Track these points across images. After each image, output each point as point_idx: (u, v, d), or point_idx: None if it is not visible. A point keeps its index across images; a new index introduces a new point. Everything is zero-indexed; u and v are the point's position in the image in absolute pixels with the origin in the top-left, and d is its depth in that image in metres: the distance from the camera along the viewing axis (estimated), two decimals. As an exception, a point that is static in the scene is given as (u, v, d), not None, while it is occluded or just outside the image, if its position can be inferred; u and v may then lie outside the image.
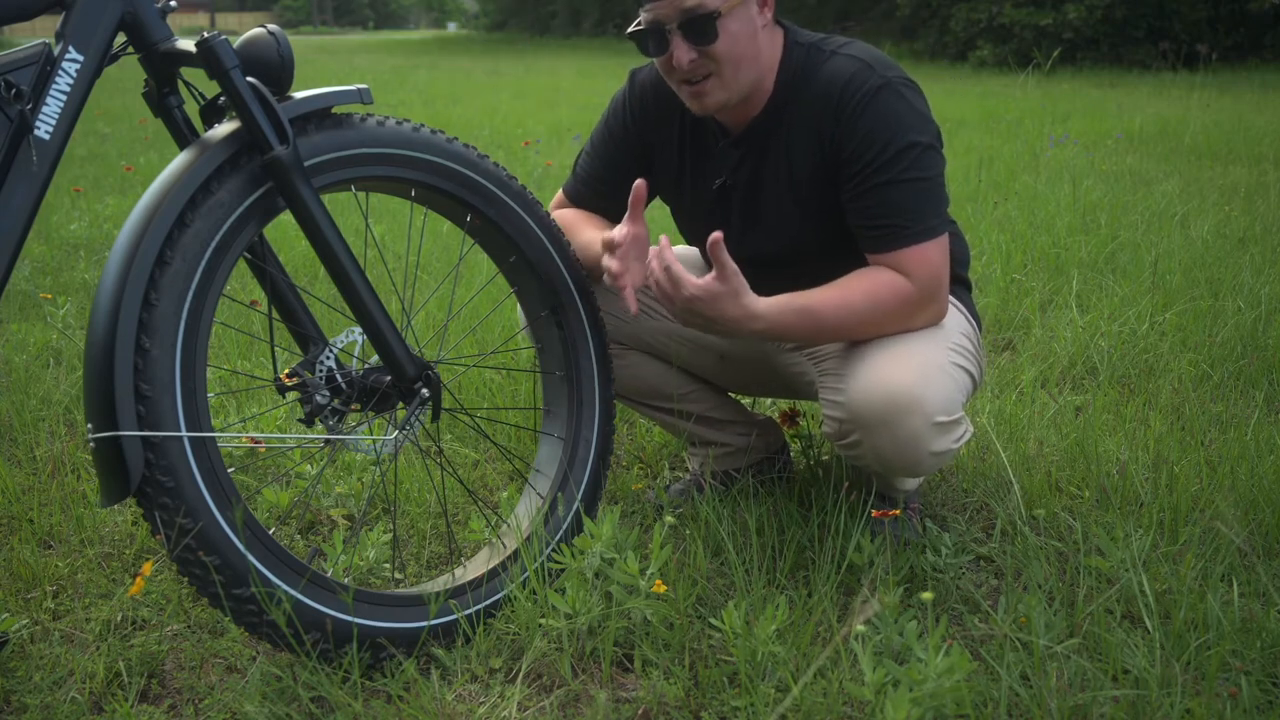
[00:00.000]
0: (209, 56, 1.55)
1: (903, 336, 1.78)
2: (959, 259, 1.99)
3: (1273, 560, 1.88)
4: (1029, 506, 2.07)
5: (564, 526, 1.85)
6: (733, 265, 1.67)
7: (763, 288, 1.85)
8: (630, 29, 1.80)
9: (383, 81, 14.63)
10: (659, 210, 2.16)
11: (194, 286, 1.49)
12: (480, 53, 25.83)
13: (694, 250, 2.19)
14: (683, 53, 1.74)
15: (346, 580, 1.73)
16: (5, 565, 1.95)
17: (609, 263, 1.78)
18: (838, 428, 1.80)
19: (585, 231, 1.97)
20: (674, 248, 2.20)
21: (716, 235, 1.67)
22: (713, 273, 1.67)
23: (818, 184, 1.82)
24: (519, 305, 2.01)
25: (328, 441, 1.72)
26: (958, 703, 1.36)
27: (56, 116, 1.47)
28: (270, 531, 1.67)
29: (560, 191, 2.11)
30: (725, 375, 2.19)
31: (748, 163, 1.88)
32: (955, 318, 1.89)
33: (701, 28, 1.72)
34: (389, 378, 1.72)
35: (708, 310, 1.70)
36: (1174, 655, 1.56)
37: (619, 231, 1.79)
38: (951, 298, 1.93)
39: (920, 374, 1.72)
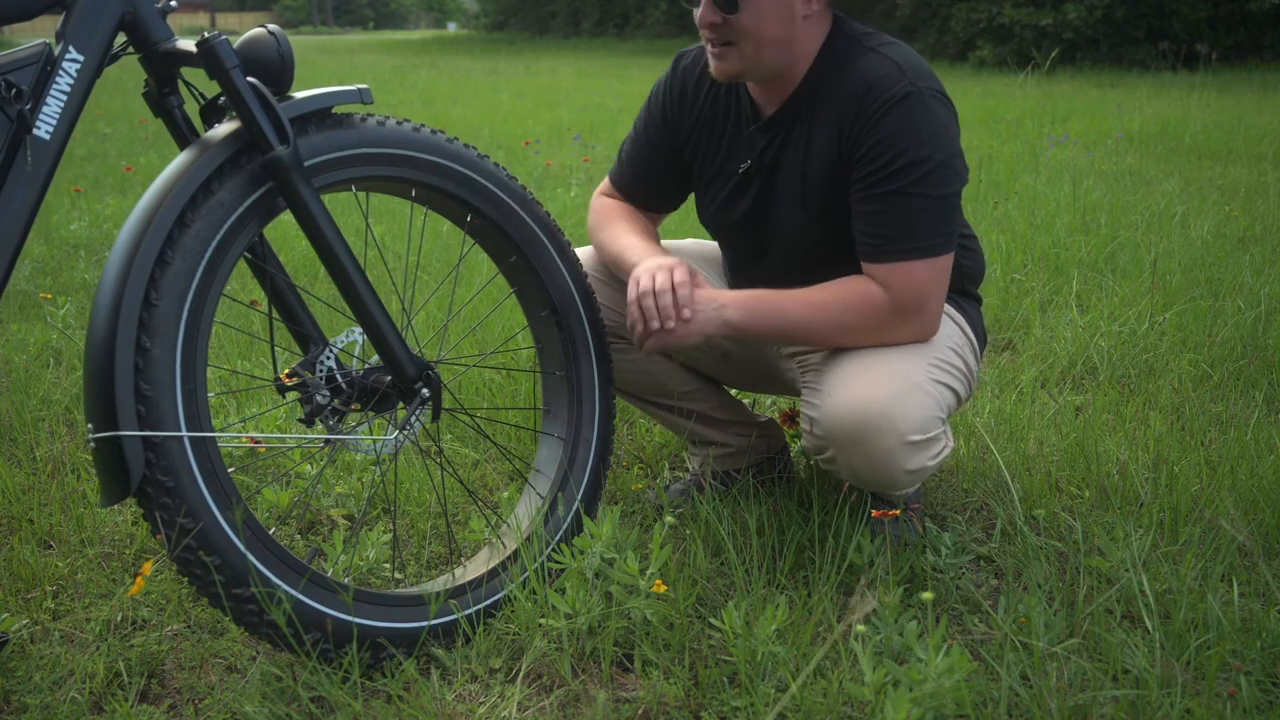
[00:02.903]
0: (209, 56, 1.55)
1: (882, 351, 1.77)
2: (970, 274, 1.98)
3: (1273, 560, 1.88)
4: (1029, 506, 2.07)
5: (564, 526, 1.85)
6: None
7: (764, 286, 1.85)
8: None
9: (383, 81, 14.63)
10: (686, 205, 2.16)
11: (194, 286, 1.49)
12: (480, 53, 25.83)
13: (707, 244, 2.20)
14: (706, 12, 1.76)
15: (346, 580, 1.73)
16: (5, 565, 1.95)
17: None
18: (814, 443, 1.81)
19: (619, 233, 1.98)
20: (681, 240, 2.21)
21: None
22: None
23: (829, 179, 1.81)
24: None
25: (328, 441, 1.72)
26: (958, 703, 1.36)
27: (56, 116, 1.47)
28: (270, 531, 1.67)
29: (606, 178, 2.12)
30: (728, 374, 2.19)
31: (772, 148, 1.88)
32: (948, 330, 1.87)
33: None
34: (389, 378, 1.72)
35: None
36: (1174, 655, 1.56)
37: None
38: (953, 310, 1.92)
39: (894, 392, 1.71)
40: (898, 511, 1.85)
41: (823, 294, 1.78)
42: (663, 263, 1.79)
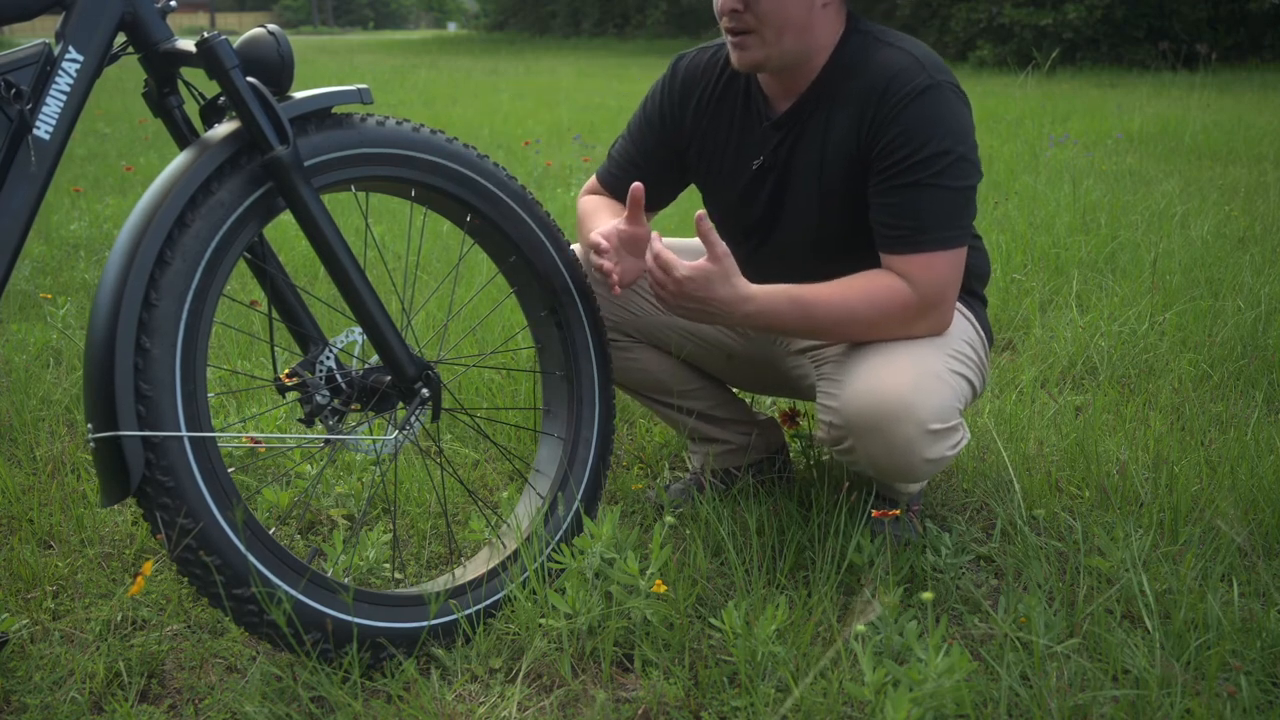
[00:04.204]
0: (209, 56, 1.55)
1: (901, 343, 1.78)
2: (977, 274, 1.98)
3: (1273, 560, 1.88)
4: (1029, 506, 2.07)
5: (564, 526, 1.85)
6: (724, 247, 1.71)
7: (773, 280, 1.85)
8: None
9: (383, 81, 14.63)
10: (692, 193, 2.16)
11: (194, 286, 1.49)
12: (480, 53, 25.83)
13: (696, 241, 2.20)
14: (727, 0, 1.76)
15: (346, 580, 1.73)
16: (5, 565, 1.95)
17: (597, 261, 1.79)
18: (832, 433, 1.80)
19: (599, 218, 1.98)
20: (675, 239, 2.20)
21: (700, 213, 1.72)
22: (704, 256, 1.70)
23: (847, 172, 1.82)
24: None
25: (328, 441, 1.72)
26: (958, 703, 1.36)
27: (56, 116, 1.47)
28: (270, 531, 1.67)
29: (594, 176, 2.13)
30: (731, 374, 2.19)
31: (786, 144, 1.88)
32: (961, 325, 1.88)
33: None
34: (389, 378, 1.72)
35: (699, 291, 1.71)
36: (1174, 655, 1.56)
37: (606, 231, 1.80)
38: (963, 306, 1.92)
39: (915, 381, 1.71)
40: (898, 512, 1.85)
41: (846, 289, 1.78)
42: (606, 232, 1.80)
